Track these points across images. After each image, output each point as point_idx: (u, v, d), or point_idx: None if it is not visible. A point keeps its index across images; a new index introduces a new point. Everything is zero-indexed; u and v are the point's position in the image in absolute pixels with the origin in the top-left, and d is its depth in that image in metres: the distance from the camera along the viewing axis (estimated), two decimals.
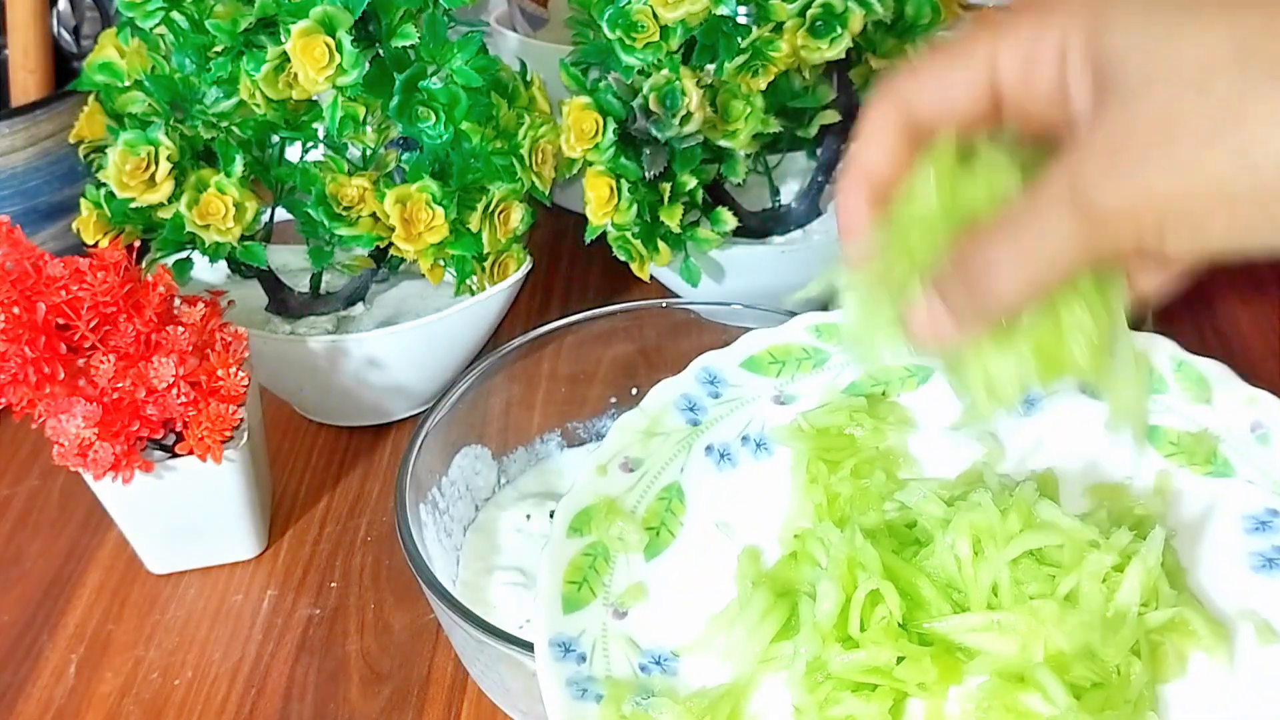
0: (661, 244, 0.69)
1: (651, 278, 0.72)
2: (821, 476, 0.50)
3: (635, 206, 0.67)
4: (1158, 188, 0.31)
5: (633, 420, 0.52)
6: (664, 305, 0.69)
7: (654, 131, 0.66)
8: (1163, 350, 0.51)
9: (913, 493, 0.46)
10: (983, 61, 0.34)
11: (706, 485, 0.52)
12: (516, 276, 0.70)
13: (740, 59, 0.66)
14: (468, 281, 0.69)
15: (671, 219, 0.68)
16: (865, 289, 0.43)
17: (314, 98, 0.65)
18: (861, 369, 0.53)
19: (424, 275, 0.69)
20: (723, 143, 0.68)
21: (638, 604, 0.48)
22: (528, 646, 0.50)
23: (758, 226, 0.76)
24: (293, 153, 0.69)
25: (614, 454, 0.51)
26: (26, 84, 0.85)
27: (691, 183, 0.68)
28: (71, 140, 0.68)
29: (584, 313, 0.67)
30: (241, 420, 0.60)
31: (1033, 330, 0.41)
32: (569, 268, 0.89)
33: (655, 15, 0.64)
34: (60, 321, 0.56)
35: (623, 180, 0.66)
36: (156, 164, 0.62)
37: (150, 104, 0.64)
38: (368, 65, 0.62)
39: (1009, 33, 0.34)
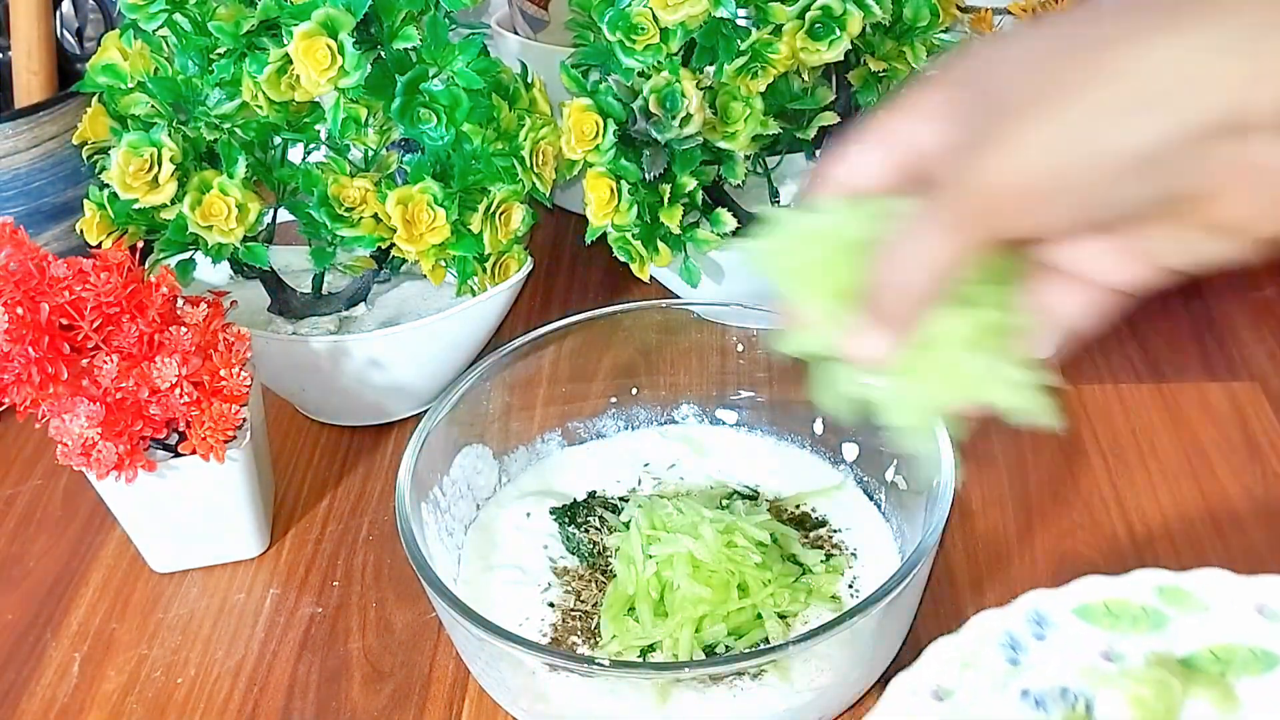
0: (661, 245, 0.69)
1: (651, 278, 0.72)
2: None
3: (635, 207, 0.67)
4: (1036, 159, 0.35)
5: (949, 647, 0.50)
6: (664, 305, 0.70)
7: (654, 133, 0.66)
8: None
9: None
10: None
11: None
12: (517, 277, 0.71)
13: (740, 61, 0.66)
14: (469, 282, 0.69)
15: (671, 220, 0.68)
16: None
17: (316, 99, 0.65)
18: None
19: (425, 276, 0.69)
20: (722, 144, 0.68)
21: None
22: (528, 644, 0.50)
23: None
24: (295, 154, 0.69)
25: (926, 679, 0.49)
26: (30, 85, 0.85)
27: (691, 184, 0.68)
28: (75, 142, 0.68)
29: (584, 313, 0.67)
30: (244, 420, 0.60)
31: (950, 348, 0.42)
32: (569, 268, 0.89)
33: (655, 18, 0.64)
34: (64, 322, 0.57)
35: (623, 181, 0.67)
36: (159, 165, 0.62)
37: (153, 105, 0.65)
38: (369, 67, 0.62)
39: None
